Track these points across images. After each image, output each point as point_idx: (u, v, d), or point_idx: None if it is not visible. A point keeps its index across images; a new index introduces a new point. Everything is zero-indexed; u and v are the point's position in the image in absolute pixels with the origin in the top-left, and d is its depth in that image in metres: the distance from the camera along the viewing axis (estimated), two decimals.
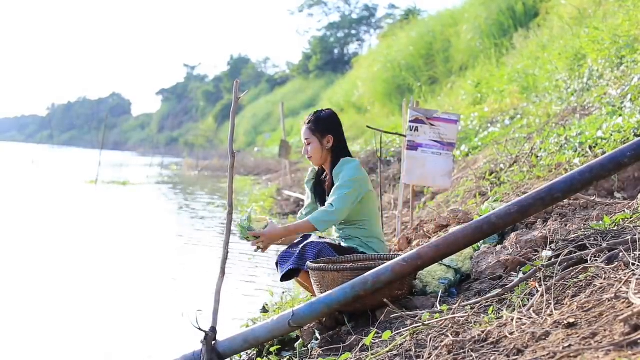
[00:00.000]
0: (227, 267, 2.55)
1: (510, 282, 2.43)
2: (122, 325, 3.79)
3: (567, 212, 3.15)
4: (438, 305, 2.39)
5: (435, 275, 2.80)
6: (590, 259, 2.24)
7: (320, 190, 3.25)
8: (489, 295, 2.37)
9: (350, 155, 3.17)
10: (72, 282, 4.85)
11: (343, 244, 3.08)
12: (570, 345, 1.54)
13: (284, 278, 2.93)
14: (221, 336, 2.52)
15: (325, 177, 3.22)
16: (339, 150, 3.16)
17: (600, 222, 2.71)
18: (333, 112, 3.25)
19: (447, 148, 4.12)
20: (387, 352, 2.06)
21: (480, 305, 2.28)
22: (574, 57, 7.02)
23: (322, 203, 3.20)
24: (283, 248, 3.10)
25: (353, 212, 3.06)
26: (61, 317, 3.93)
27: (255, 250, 3.00)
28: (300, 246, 2.94)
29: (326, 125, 3.15)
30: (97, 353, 3.32)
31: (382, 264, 2.45)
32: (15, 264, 5.50)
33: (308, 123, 3.16)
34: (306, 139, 3.15)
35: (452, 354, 1.84)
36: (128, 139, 73.10)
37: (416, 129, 4.14)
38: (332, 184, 3.09)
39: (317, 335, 2.66)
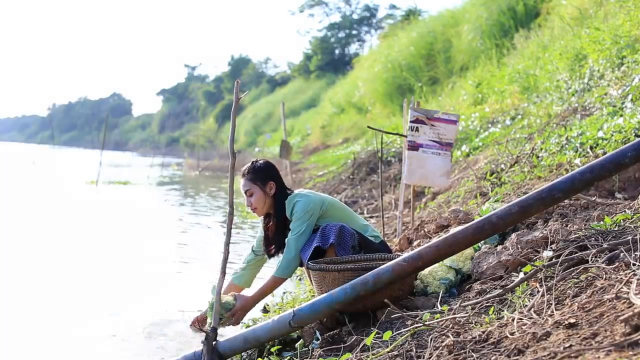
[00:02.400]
0: (227, 268, 2.55)
1: (511, 283, 2.43)
2: (123, 325, 3.79)
3: (567, 212, 3.15)
4: (439, 306, 2.39)
5: (436, 275, 2.80)
6: (591, 259, 2.24)
7: (266, 235, 3.28)
8: (489, 295, 2.37)
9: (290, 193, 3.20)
10: (73, 282, 4.86)
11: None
12: (571, 346, 1.54)
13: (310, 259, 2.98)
14: (222, 336, 2.53)
15: (269, 223, 3.24)
16: (282, 195, 3.18)
17: (601, 222, 2.71)
18: (268, 161, 3.29)
19: (445, 148, 4.13)
20: (388, 352, 2.07)
21: (481, 305, 2.28)
22: (574, 58, 7.02)
23: (267, 247, 3.24)
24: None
25: (333, 217, 3.12)
26: (61, 317, 3.93)
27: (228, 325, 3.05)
28: (320, 229, 3.01)
29: (265, 174, 3.18)
30: (97, 353, 3.32)
31: (383, 264, 2.46)
32: (15, 264, 5.50)
33: (246, 174, 3.17)
34: (247, 190, 3.15)
35: (452, 354, 1.84)
36: (129, 139, 73.14)
37: (417, 129, 4.14)
38: (279, 228, 3.16)
39: (318, 335, 2.66)
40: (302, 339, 2.76)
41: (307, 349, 2.65)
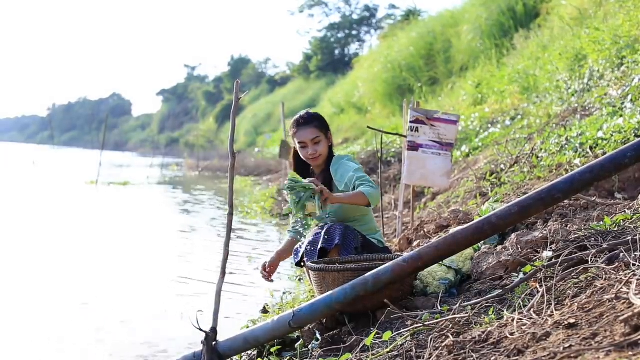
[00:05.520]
0: (227, 268, 2.55)
1: (511, 283, 2.43)
2: (122, 325, 3.79)
3: (567, 212, 3.15)
4: (439, 306, 2.39)
5: (435, 275, 2.80)
6: (591, 260, 2.24)
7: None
8: (489, 295, 2.37)
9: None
10: (72, 283, 4.86)
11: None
12: (570, 346, 1.54)
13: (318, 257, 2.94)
14: (222, 337, 2.52)
15: (310, 176, 3.17)
16: (331, 148, 3.19)
17: (601, 222, 2.71)
18: None
19: (445, 148, 4.13)
20: (388, 352, 2.06)
21: (481, 305, 2.28)
22: (574, 58, 7.02)
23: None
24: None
25: (351, 208, 3.07)
26: (60, 317, 3.93)
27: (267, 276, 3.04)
28: (324, 230, 2.97)
29: (326, 124, 3.18)
30: (96, 353, 3.32)
31: (383, 264, 2.45)
32: (15, 264, 5.50)
33: (312, 122, 3.10)
34: (316, 137, 3.08)
35: (452, 355, 1.83)
36: (128, 139, 73.21)
37: (416, 130, 4.14)
38: (326, 180, 3.08)
39: (318, 335, 2.66)
40: (301, 340, 2.76)
41: (306, 349, 2.65)
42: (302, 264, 3.08)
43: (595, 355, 1.42)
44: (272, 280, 3.27)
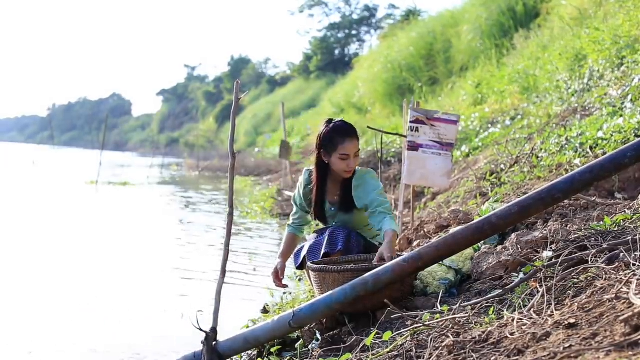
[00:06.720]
0: (227, 268, 2.55)
1: (511, 283, 2.43)
2: (123, 326, 3.79)
3: (567, 212, 3.15)
4: (439, 306, 2.39)
5: (435, 275, 2.80)
6: (591, 260, 2.24)
7: (321, 198, 3.14)
8: (489, 295, 2.37)
9: None
10: (72, 283, 4.85)
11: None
12: (570, 346, 1.54)
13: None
14: (222, 337, 2.52)
15: (327, 184, 3.12)
16: None
17: (601, 222, 2.71)
18: None
19: (446, 148, 4.13)
20: (388, 352, 2.07)
21: (481, 305, 2.28)
22: (574, 58, 7.02)
23: (319, 209, 3.14)
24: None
25: (361, 219, 3.10)
26: (60, 317, 3.93)
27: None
28: (327, 233, 2.97)
29: None
30: (96, 353, 3.33)
31: (383, 264, 2.46)
32: (15, 265, 5.50)
33: (356, 134, 3.02)
34: (358, 150, 3.01)
35: (452, 355, 1.83)
36: (128, 139, 73.26)
37: (416, 130, 4.14)
38: (346, 194, 3.03)
39: (318, 335, 2.66)
40: (301, 340, 2.76)
41: (307, 349, 2.65)
42: (303, 266, 3.07)
43: (595, 355, 1.42)
44: (286, 285, 3.25)
